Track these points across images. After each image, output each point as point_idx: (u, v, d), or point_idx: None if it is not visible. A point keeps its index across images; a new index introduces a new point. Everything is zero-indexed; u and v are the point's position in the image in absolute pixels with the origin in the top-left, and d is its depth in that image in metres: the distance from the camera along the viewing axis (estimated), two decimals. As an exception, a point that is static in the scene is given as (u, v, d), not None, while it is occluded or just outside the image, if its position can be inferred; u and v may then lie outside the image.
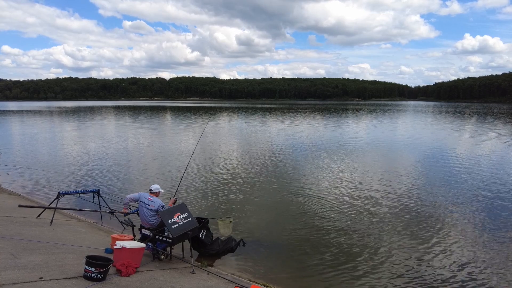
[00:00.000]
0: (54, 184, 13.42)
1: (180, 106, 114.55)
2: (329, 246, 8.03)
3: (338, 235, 8.64)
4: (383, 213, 10.18)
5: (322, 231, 8.89)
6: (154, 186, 7.05)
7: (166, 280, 5.48)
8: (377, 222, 9.47)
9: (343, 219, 9.70)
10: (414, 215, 10.00)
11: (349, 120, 52.21)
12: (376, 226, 9.18)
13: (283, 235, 8.66)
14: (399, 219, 9.69)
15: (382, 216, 9.97)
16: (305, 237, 8.53)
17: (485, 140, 27.11)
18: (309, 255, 7.60)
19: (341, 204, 11.06)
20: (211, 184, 13.59)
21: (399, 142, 26.59)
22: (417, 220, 9.61)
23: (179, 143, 25.85)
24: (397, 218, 9.77)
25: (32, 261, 5.20)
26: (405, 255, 7.58)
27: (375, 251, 7.73)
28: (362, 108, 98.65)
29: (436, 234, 8.69)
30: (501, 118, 53.27)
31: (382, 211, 10.39)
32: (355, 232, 8.79)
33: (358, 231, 8.88)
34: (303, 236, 8.59)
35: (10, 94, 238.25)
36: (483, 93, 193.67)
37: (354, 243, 8.18)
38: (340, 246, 8.00)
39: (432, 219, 9.67)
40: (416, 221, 9.53)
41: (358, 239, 8.40)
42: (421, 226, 9.18)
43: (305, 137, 29.36)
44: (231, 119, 53.30)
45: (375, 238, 8.45)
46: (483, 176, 14.69)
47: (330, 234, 8.68)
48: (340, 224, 9.33)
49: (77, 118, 54.39)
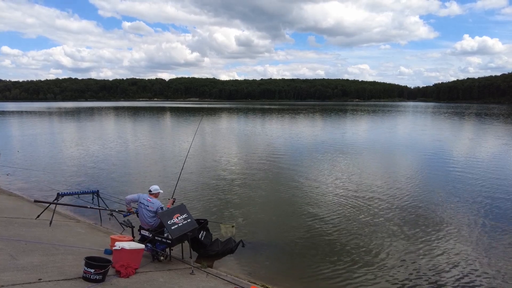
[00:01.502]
0: (53, 185, 13.40)
1: (180, 107, 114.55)
2: (328, 247, 8.03)
3: (337, 236, 8.64)
4: (382, 214, 10.17)
5: (321, 232, 8.89)
6: (153, 187, 7.04)
7: (165, 281, 5.47)
8: (376, 223, 9.46)
9: (342, 220, 9.70)
10: (414, 216, 10.00)
11: (348, 121, 52.25)
12: (376, 227, 9.18)
13: (282, 236, 8.65)
14: (398, 220, 9.69)
15: (381, 217, 9.97)
16: (304, 238, 8.52)
17: (485, 141, 27.12)
18: (309, 256, 7.60)
19: (340, 205, 11.06)
20: (210, 185, 13.58)
21: (398, 143, 26.60)
22: (417, 221, 9.60)
23: (178, 144, 25.84)
24: (397, 219, 9.77)
25: (31, 262, 5.19)
26: (404, 255, 7.57)
27: (374, 252, 7.73)
28: (361, 109, 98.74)
29: (436, 235, 8.68)
30: (500, 119, 53.33)
31: (381, 212, 10.39)
32: (354, 233, 8.78)
33: (357, 232, 8.87)
34: (302, 237, 8.58)
35: (10, 95, 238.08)
36: (483, 94, 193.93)
37: (353, 244, 8.17)
38: (339, 247, 8.00)
39: (431, 220, 9.66)
40: (415, 222, 9.53)
41: (358, 239, 8.40)
42: (421, 227, 9.17)
43: (305, 138, 29.37)
44: (230, 120, 53.32)
45: (375, 239, 8.45)
46: (483, 176, 14.68)
47: (329, 235, 8.67)
48: (340, 225, 9.33)
49: (76, 119, 54.36)
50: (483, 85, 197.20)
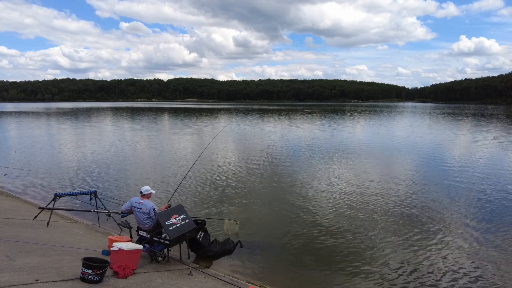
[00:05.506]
0: (50, 186, 13.36)
1: (178, 108, 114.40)
2: (327, 247, 8.03)
3: (335, 236, 8.64)
4: (381, 215, 10.18)
5: (320, 232, 8.89)
6: (144, 188, 6.94)
7: (163, 282, 5.45)
8: (375, 224, 9.48)
9: (341, 221, 9.70)
10: (413, 217, 10.01)
11: (347, 122, 52.30)
12: (374, 228, 9.19)
13: (280, 237, 8.65)
14: (397, 222, 9.70)
15: (380, 218, 9.98)
16: (302, 239, 8.52)
17: (485, 141, 27.20)
18: (307, 256, 7.59)
19: (339, 206, 11.06)
20: (208, 185, 13.55)
21: (398, 144, 26.64)
22: (416, 222, 9.62)
23: (177, 145, 25.80)
24: (396, 221, 9.78)
25: (28, 263, 5.17)
26: (403, 256, 7.58)
27: (373, 253, 7.73)
28: (360, 110, 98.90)
29: (435, 235, 8.69)
30: (499, 119, 53.52)
31: (380, 213, 10.40)
32: (353, 234, 8.79)
33: (356, 232, 8.88)
34: (300, 238, 8.58)
35: (7, 96, 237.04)
36: (480, 94, 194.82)
37: (352, 244, 8.17)
38: (337, 248, 8.00)
39: (431, 221, 9.68)
40: (415, 223, 9.54)
41: (356, 240, 8.40)
42: (421, 228, 9.18)
43: (304, 139, 29.39)
44: (230, 120, 53.27)
45: (373, 239, 8.46)
46: (483, 176, 14.73)
47: (328, 236, 8.67)
48: (338, 226, 9.33)
49: (74, 120, 54.18)
50: (480, 86, 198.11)
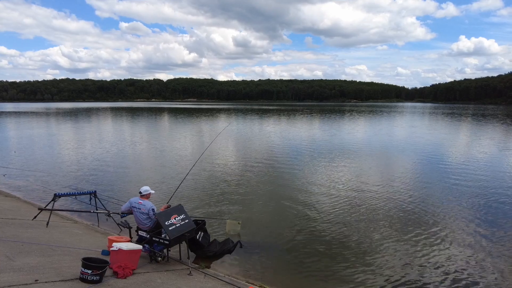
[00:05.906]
0: (50, 186, 13.34)
1: (178, 108, 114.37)
2: (326, 247, 8.03)
3: (335, 237, 8.64)
4: (381, 216, 10.19)
5: (319, 233, 8.89)
6: (143, 188, 6.94)
7: (163, 282, 5.45)
8: (375, 225, 9.48)
9: (341, 221, 9.70)
10: (414, 217, 10.01)
11: (346, 122, 52.32)
12: (374, 228, 9.19)
13: (280, 237, 8.65)
14: (397, 222, 9.70)
15: (380, 218, 9.98)
16: (302, 239, 8.52)
17: (484, 142, 27.22)
18: (307, 256, 7.59)
19: (340, 206, 11.07)
20: (208, 186, 13.55)
21: (398, 144, 26.65)
22: (417, 222, 9.62)
23: (177, 145, 25.79)
24: (396, 221, 9.78)
25: (28, 264, 5.16)
26: (403, 256, 7.58)
27: (373, 253, 7.73)
28: (360, 110, 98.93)
29: (436, 235, 8.70)
30: (499, 120, 53.57)
31: (380, 213, 10.40)
32: (352, 234, 8.79)
33: (356, 232, 8.88)
34: (300, 238, 8.58)
35: (7, 96, 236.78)
36: (479, 94, 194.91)
37: (351, 244, 8.17)
38: (337, 248, 8.00)
39: (431, 221, 9.68)
40: (416, 223, 9.54)
41: (356, 240, 8.40)
42: (421, 228, 9.19)
43: (304, 140, 29.40)
44: (230, 120, 53.27)
45: (373, 240, 8.46)
46: (483, 177, 14.74)
47: (327, 236, 8.67)
48: (338, 226, 9.33)
49: (74, 120, 54.15)
50: (479, 86, 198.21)
